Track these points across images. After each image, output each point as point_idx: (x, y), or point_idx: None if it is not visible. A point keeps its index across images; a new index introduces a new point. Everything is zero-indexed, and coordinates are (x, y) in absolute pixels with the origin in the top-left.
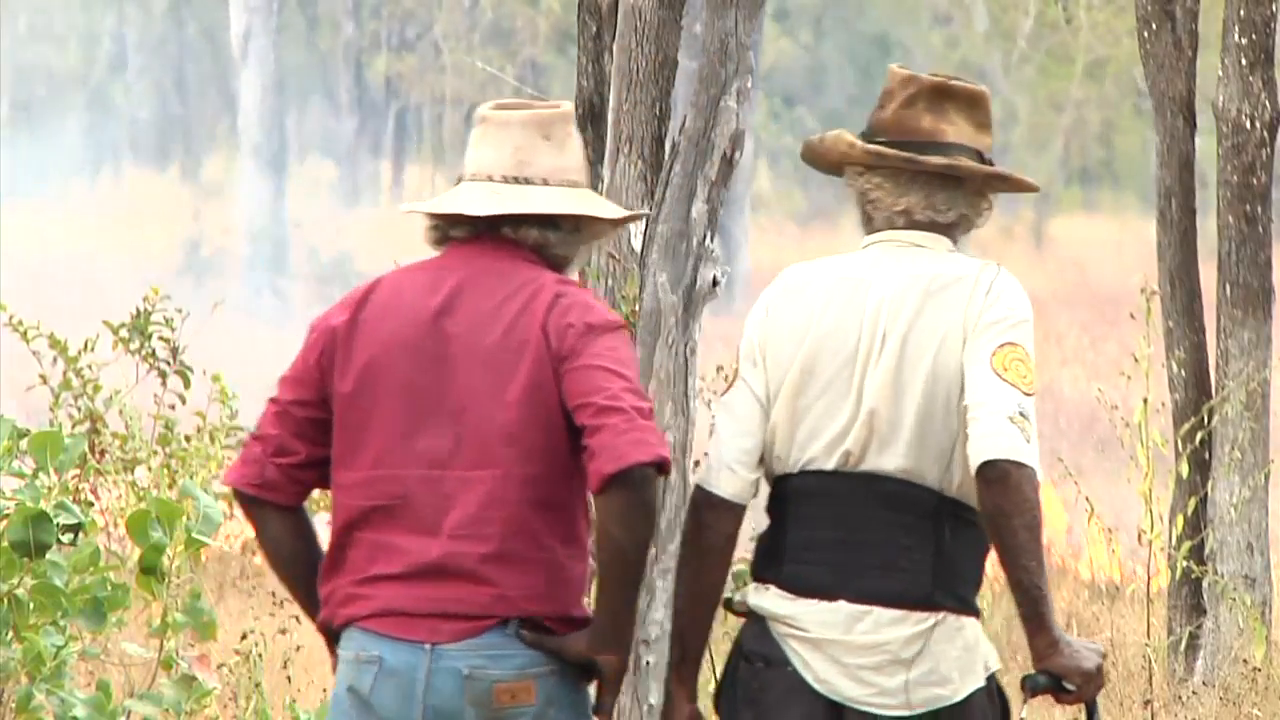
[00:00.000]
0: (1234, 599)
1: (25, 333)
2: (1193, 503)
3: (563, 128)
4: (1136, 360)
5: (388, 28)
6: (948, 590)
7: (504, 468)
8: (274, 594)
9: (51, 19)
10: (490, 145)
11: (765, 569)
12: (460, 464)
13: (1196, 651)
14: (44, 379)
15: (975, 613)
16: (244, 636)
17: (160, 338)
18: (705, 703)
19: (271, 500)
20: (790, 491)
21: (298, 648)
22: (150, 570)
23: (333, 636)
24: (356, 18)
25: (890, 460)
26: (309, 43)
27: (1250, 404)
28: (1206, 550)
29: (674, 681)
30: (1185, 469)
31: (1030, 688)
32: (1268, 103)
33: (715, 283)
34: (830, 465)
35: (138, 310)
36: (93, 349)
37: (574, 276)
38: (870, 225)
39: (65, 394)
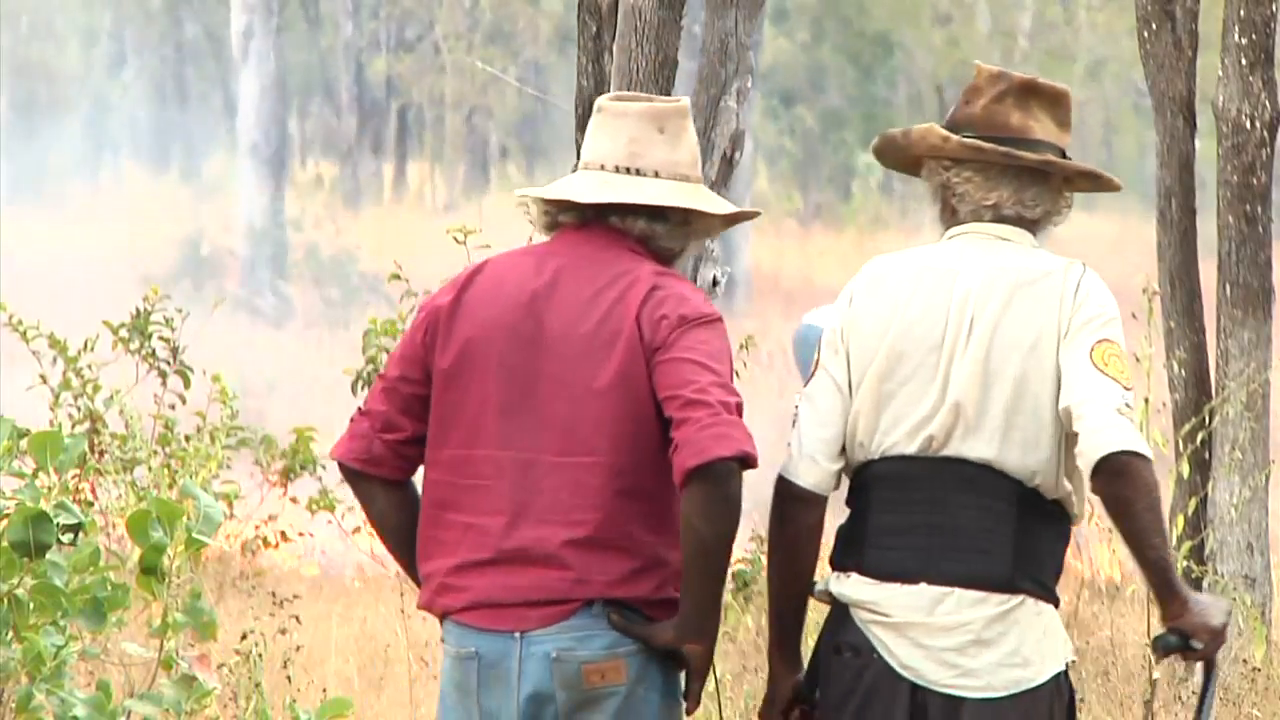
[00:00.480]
0: (1234, 599)
1: (25, 333)
2: (1193, 503)
3: (678, 121)
4: (1137, 360)
5: (387, 27)
6: (1027, 574)
7: (594, 455)
8: (274, 594)
9: (51, 18)
10: (606, 135)
11: (846, 556)
12: (550, 449)
13: None
14: (44, 379)
15: (1055, 601)
16: (244, 636)
17: (160, 337)
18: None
19: (378, 475)
20: (871, 478)
21: (298, 648)
22: (150, 570)
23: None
24: (356, 17)
25: (974, 447)
26: (309, 42)
27: (1251, 404)
28: (1207, 550)
29: (776, 658)
30: (1185, 469)
31: (1162, 648)
32: (1268, 103)
33: (715, 282)
34: (912, 449)
35: (137, 310)
36: (92, 349)
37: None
38: (954, 218)
39: (65, 394)
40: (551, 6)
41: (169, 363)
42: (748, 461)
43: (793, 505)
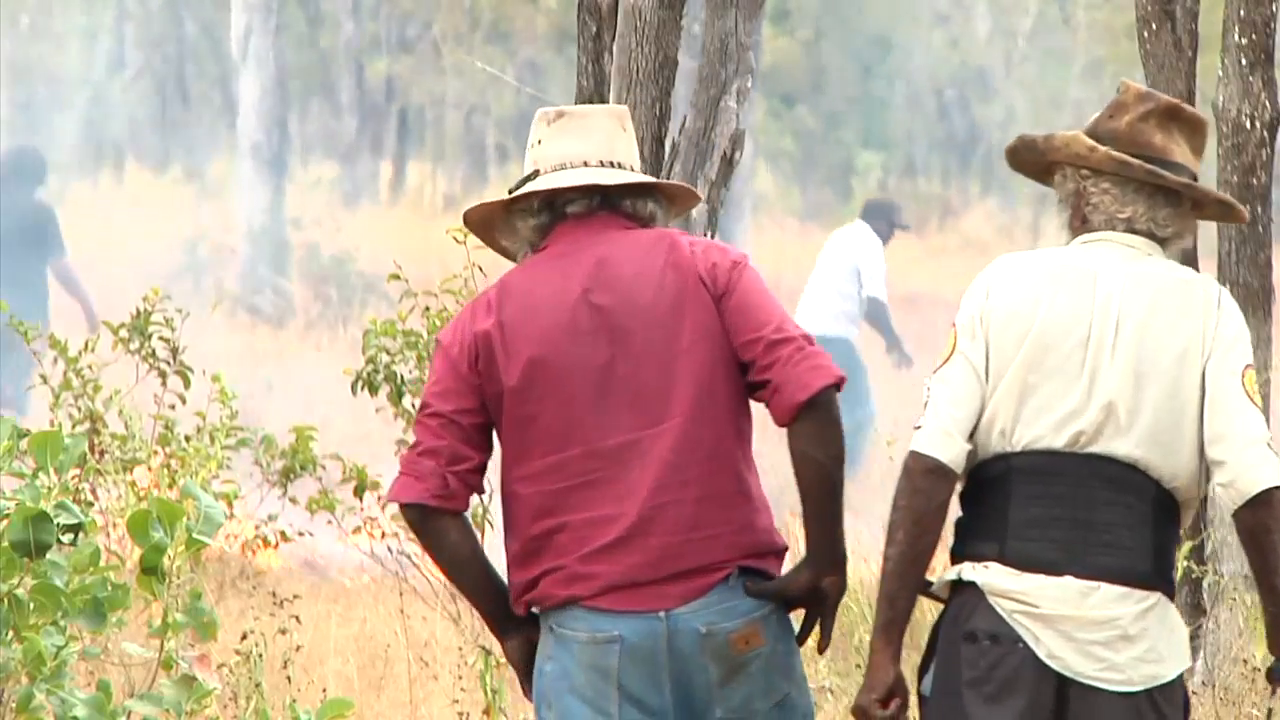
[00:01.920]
0: (1234, 599)
1: (25, 333)
2: None
3: (630, 121)
4: None
5: (387, 27)
6: (1160, 573)
7: (688, 413)
8: (274, 594)
9: (51, 18)
10: (576, 136)
11: (981, 546)
12: (649, 423)
13: (1196, 651)
14: (44, 379)
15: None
16: (244, 637)
17: (160, 337)
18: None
19: (451, 509)
20: (1010, 470)
21: (297, 648)
22: (151, 570)
23: (516, 621)
24: (356, 17)
25: (1122, 446)
26: (309, 42)
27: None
28: (1207, 550)
29: (880, 644)
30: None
31: (1279, 676)
32: (1268, 103)
33: None
34: (1059, 444)
35: (137, 310)
36: (93, 349)
37: None
38: (1084, 226)
39: (65, 394)
40: (550, 6)
41: (169, 363)
42: (841, 383)
43: (925, 479)
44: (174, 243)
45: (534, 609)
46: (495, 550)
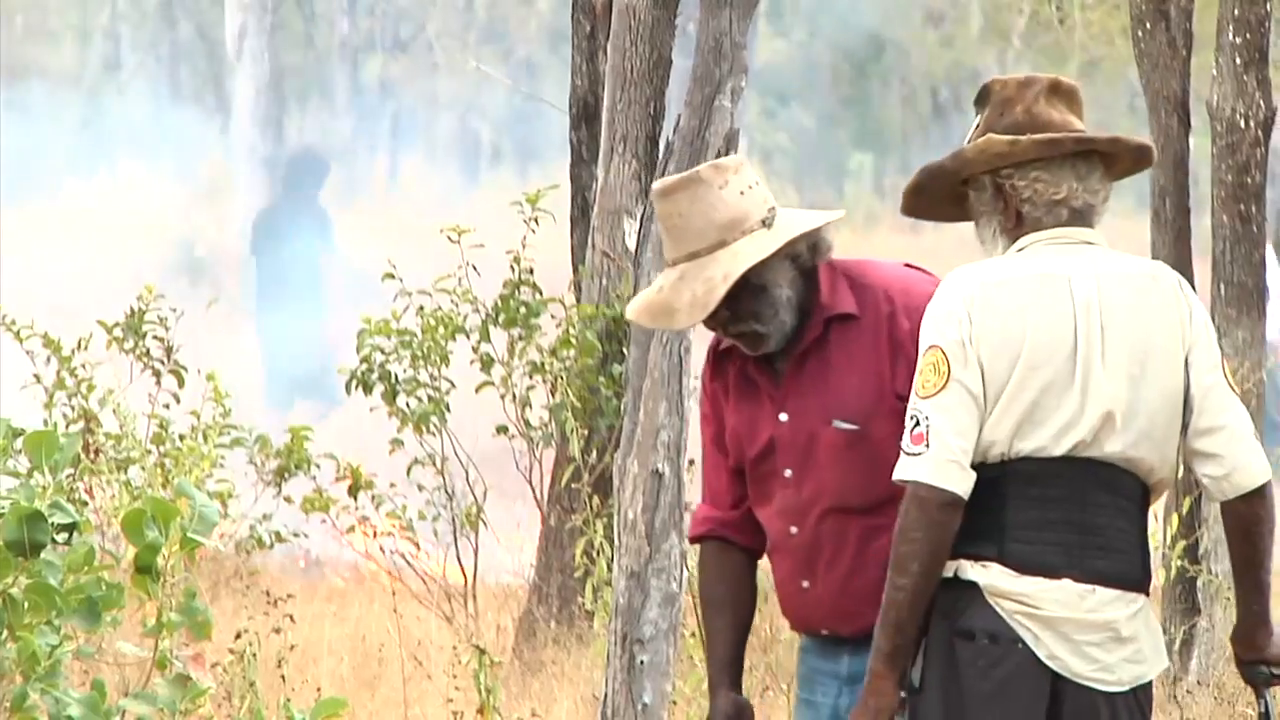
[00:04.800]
0: (1228, 598)
1: (19, 332)
2: (1187, 502)
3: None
4: None
5: (381, 26)
6: (1147, 575)
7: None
8: (268, 593)
9: (46, 17)
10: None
11: (980, 547)
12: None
13: (1191, 650)
14: (38, 378)
15: None
16: (238, 636)
17: (154, 337)
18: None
19: None
20: (1008, 473)
21: (291, 647)
22: (145, 570)
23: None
24: (351, 16)
25: (1115, 446)
26: (304, 41)
27: (1245, 403)
28: (1201, 550)
29: (885, 670)
30: (1180, 468)
31: (1263, 681)
32: (1262, 102)
33: None
34: (1059, 452)
35: (132, 309)
36: (87, 348)
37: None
38: (1020, 227)
39: (60, 393)
40: (544, 5)
41: (163, 362)
42: None
43: (942, 511)
44: (169, 242)
45: None
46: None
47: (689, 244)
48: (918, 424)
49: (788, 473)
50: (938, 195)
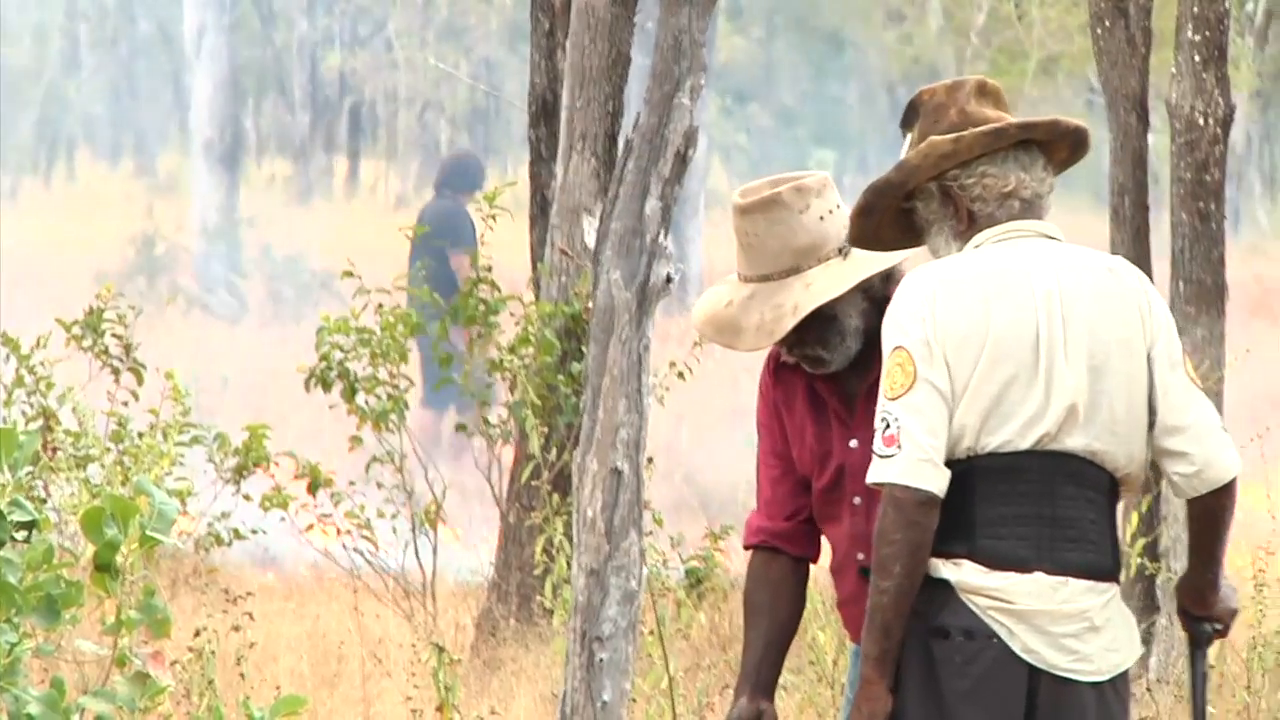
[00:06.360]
0: None
1: None
2: (1146, 500)
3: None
4: None
5: (340, 24)
6: (1117, 564)
7: None
8: (226, 591)
9: (4, 15)
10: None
11: (952, 544)
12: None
13: (1150, 648)
14: None
15: None
16: (197, 634)
17: (113, 334)
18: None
19: None
20: (975, 469)
21: (251, 645)
22: (104, 567)
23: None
24: (310, 14)
25: (1080, 440)
26: (263, 39)
27: None
28: (1160, 547)
29: (875, 675)
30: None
31: (1207, 638)
32: (1221, 100)
33: (669, 279)
34: (1025, 446)
35: (91, 307)
36: (46, 346)
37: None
38: (973, 226)
39: (19, 391)
40: (504, 3)
41: (122, 360)
42: None
43: (919, 511)
44: (128, 240)
45: None
46: None
47: (763, 265)
48: (888, 426)
49: (857, 500)
50: (885, 215)
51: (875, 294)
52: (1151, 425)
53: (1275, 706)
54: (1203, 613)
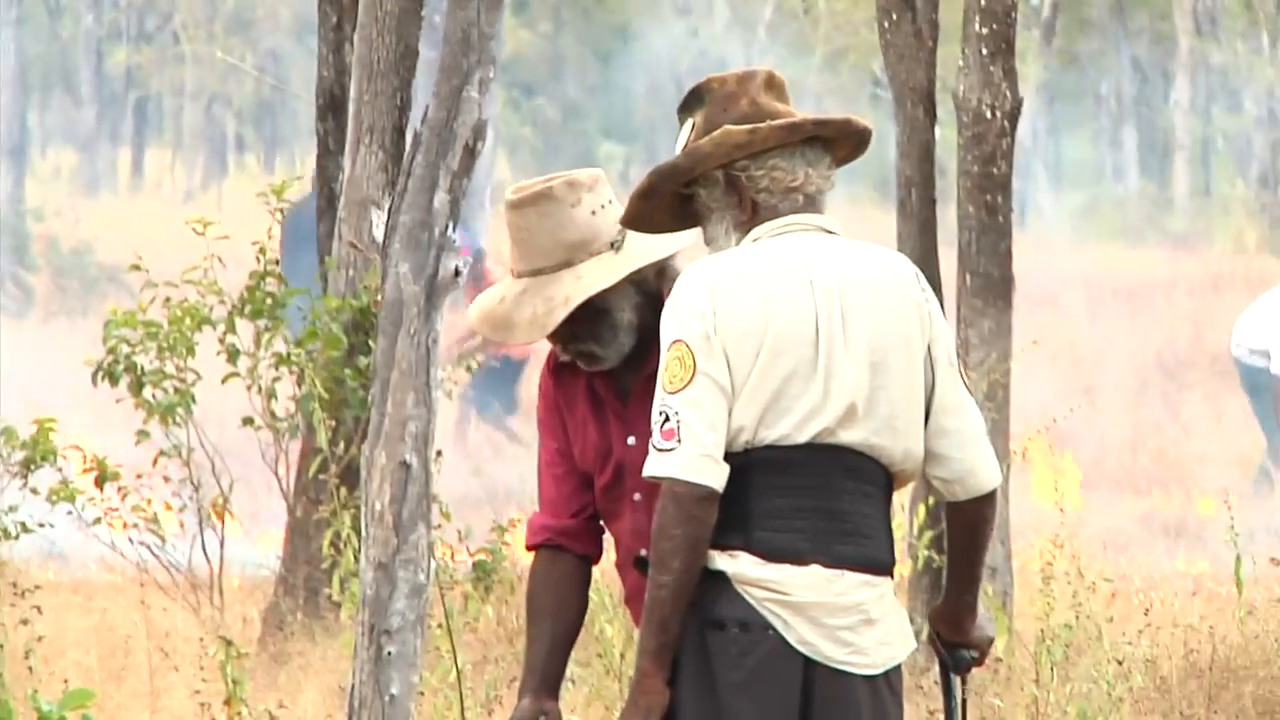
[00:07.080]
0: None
1: None
2: (935, 493)
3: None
4: None
5: (127, 17)
6: (892, 558)
7: None
8: (15, 585)
9: None
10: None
11: (729, 537)
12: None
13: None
14: None
15: None
16: None
17: None
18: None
19: None
20: (752, 461)
21: (39, 638)
22: None
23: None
24: (96, 9)
25: (859, 434)
26: (49, 32)
27: (991, 394)
28: (946, 540)
29: (653, 668)
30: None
31: (965, 666)
32: (1008, 92)
33: (457, 273)
34: (803, 440)
35: None
36: None
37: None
38: (757, 213)
39: None
40: None
41: None
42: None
43: (698, 506)
44: None
45: None
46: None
47: (534, 260)
48: (667, 420)
49: (637, 496)
50: (663, 199)
51: (648, 289)
52: (926, 422)
53: (1063, 699)
54: (959, 639)
